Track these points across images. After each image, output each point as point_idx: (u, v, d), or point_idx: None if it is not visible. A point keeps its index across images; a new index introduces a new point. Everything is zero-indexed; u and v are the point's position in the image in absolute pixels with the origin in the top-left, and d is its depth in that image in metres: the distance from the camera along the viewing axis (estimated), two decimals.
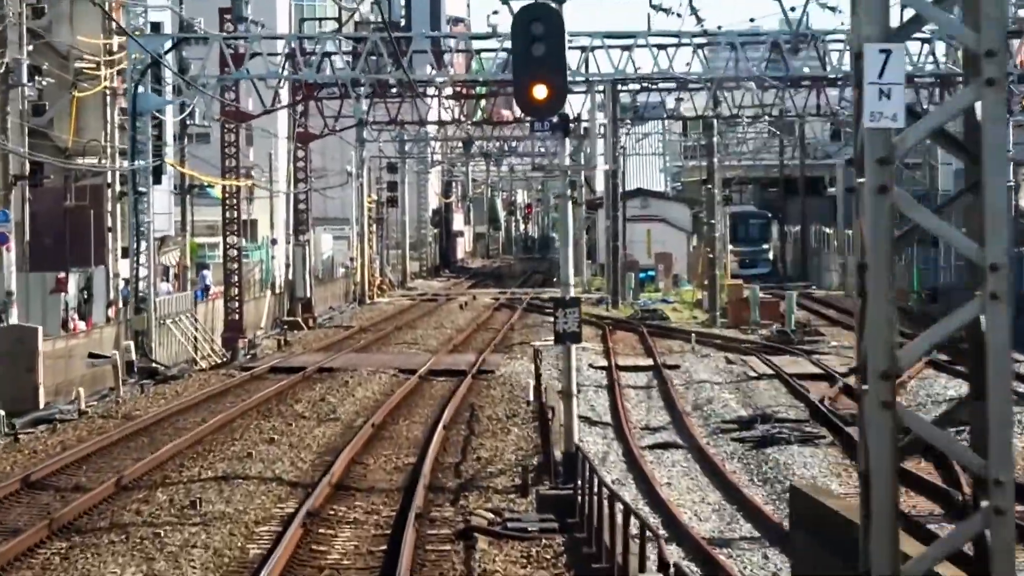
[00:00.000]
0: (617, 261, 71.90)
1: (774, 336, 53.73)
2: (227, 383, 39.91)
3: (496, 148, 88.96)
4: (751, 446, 30.95)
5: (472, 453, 27.73)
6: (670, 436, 32.92)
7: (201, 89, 43.80)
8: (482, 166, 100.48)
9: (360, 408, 34.84)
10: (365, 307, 74.41)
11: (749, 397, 38.24)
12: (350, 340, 54.77)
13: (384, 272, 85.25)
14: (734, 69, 51.35)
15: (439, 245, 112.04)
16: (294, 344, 53.56)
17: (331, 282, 77.77)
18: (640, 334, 55.98)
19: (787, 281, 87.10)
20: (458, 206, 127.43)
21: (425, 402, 36.71)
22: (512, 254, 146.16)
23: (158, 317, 44.22)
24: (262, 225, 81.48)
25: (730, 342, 52.13)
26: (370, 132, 78.93)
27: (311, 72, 45.85)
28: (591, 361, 46.82)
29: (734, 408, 36.37)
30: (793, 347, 49.99)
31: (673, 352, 49.65)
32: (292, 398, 36.23)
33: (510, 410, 34.03)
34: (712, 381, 41.43)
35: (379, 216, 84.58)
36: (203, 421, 32.12)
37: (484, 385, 40.05)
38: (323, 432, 30.47)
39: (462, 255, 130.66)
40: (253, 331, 55.53)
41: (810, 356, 46.63)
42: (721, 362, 46.16)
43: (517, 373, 42.39)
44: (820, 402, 36.10)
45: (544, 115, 20.47)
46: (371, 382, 40.23)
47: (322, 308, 70.12)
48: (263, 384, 40.33)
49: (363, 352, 49.52)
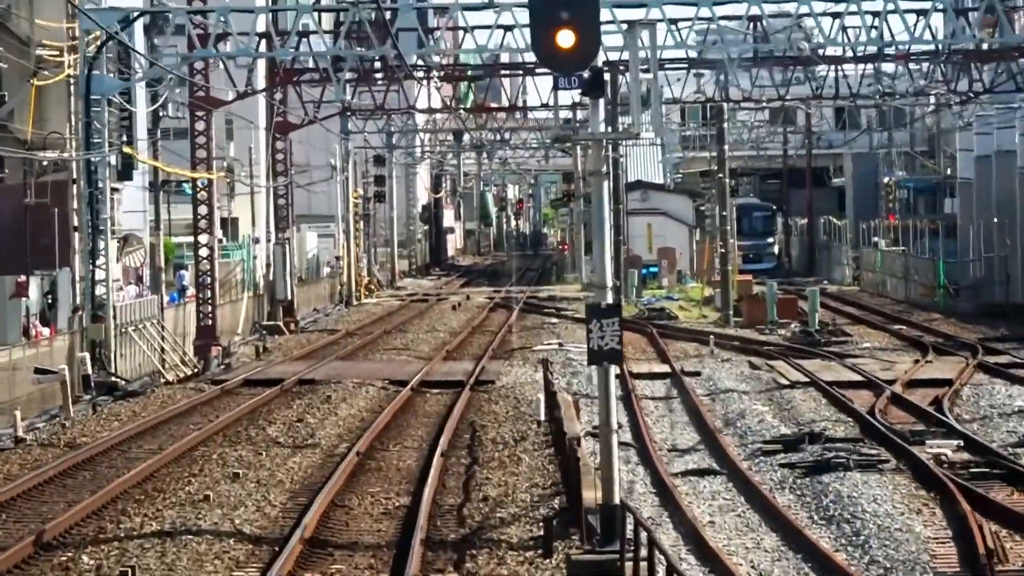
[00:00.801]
0: (620, 257, 66.96)
1: (797, 337, 48.85)
2: (193, 400, 34.95)
3: (489, 140, 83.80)
4: (803, 472, 26.05)
5: (477, 490, 22.78)
6: (703, 459, 28.02)
7: (162, 67, 38.75)
8: (473, 158, 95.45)
9: (343, 430, 29.91)
10: (352, 309, 69.45)
11: (786, 410, 33.33)
12: (335, 346, 49.84)
13: (372, 271, 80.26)
14: (750, 45, 46.44)
15: (429, 242, 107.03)
16: (273, 351, 48.61)
17: (316, 282, 72.79)
18: (649, 335, 51.10)
19: (793, 276, 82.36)
20: (448, 201, 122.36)
21: (418, 421, 31.78)
22: (504, 251, 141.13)
23: (119, 325, 39.26)
24: (243, 223, 76.39)
25: (749, 344, 47.26)
26: (355, 123, 73.93)
27: (288, 50, 40.84)
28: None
29: (771, 423, 31.46)
30: (820, 349, 45.12)
31: (689, 356, 44.79)
32: (265, 418, 31.26)
33: (517, 431, 29.08)
34: (739, 390, 36.52)
35: (366, 212, 79.59)
36: (159, 449, 27.20)
37: (484, 398, 35.14)
38: (299, 463, 25.53)
39: (453, 252, 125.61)
40: (230, 337, 50.59)
41: (843, 360, 41.75)
42: (745, 367, 41.28)
43: (520, 383, 37.48)
44: (870, 415, 31.28)
45: (572, 68, 15.60)
46: (357, 396, 35.30)
47: (306, 310, 65.17)
48: (234, 400, 35.39)
49: (348, 360, 44.59)
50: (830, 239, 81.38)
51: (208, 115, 45.98)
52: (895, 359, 42.11)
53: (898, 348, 45.74)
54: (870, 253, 70.39)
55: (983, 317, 53.85)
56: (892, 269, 65.93)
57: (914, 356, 42.80)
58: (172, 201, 62.33)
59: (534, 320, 59.79)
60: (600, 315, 15.88)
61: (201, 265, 46.73)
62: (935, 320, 53.98)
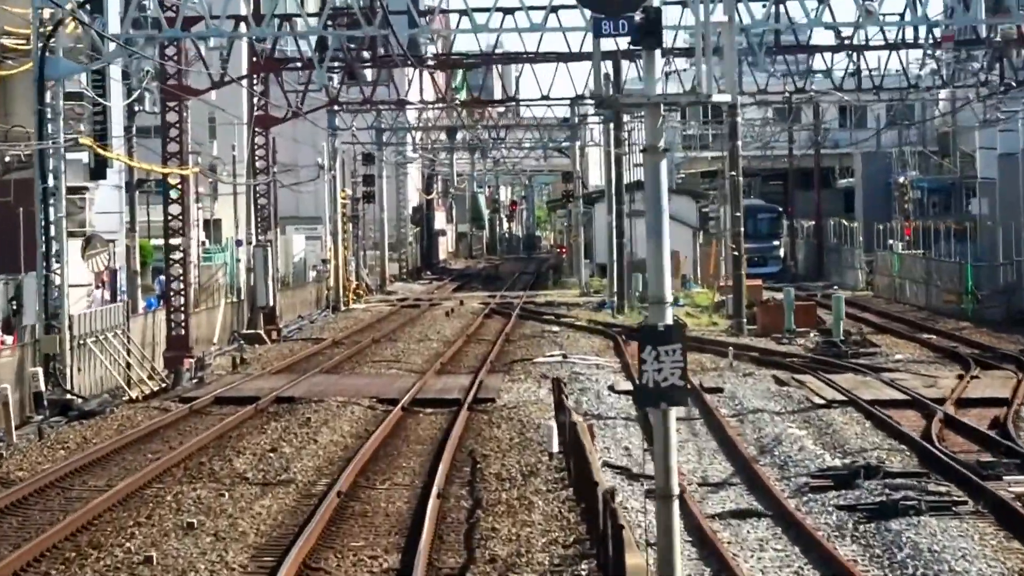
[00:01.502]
0: (622, 260, 62.77)
1: (820, 348, 44.63)
2: (155, 422, 30.67)
3: (483, 138, 79.43)
4: (865, 516, 21.84)
5: (482, 546, 18.53)
6: (742, 496, 23.82)
7: (122, 45, 34.45)
8: (466, 158, 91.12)
9: (323, 462, 25.66)
10: (339, 315, 65.17)
11: (827, 435, 29.11)
12: (319, 357, 45.59)
13: (360, 275, 75.96)
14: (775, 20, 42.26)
15: (420, 245, 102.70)
16: (252, 363, 44.33)
17: (301, 287, 68.49)
18: None
19: (801, 281, 78.17)
20: (440, 203, 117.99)
21: (411, 448, 27.54)
22: (497, 254, 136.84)
23: (76, 336, 34.99)
24: (227, 225, 72.09)
25: (769, 355, 43.05)
26: (343, 119, 69.68)
27: (265, 30, 36.51)
28: (611, 382, 37.74)
29: (813, 451, 27.27)
30: (848, 362, 40.93)
31: (706, 369, 40.57)
32: (234, 447, 26.97)
33: (526, 464, 24.81)
34: (769, 410, 32.31)
35: (354, 213, 75.27)
36: (106, 487, 22.97)
37: (484, 420, 30.91)
38: (268, 507, 21.27)
39: (444, 256, 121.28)
40: (206, 347, 46.37)
41: (878, 375, 37.54)
42: (770, 383, 37.07)
43: (524, 402, 33.23)
44: (927, 441, 27.11)
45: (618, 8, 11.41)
46: (341, 418, 31.04)
47: (291, 317, 60.90)
48: (202, 423, 31.15)
49: (333, 374, 40.33)
50: (840, 242, 77.15)
51: (181, 106, 41.72)
52: (935, 373, 37.91)
53: (934, 360, 41.54)
54: (886, 256, 66.20)
55: (1016, 325, 49.69)
56: (911, 273, 61.75)
57: (954, 370, 38.64)
58: (152, 202, 58.73)
59: (533, 328, 55.58)
60: (656, 340, 11.72)
61: (173, 269, 42.46)
62: (965, 328, 49.81)
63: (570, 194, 74.70)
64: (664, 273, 12.54)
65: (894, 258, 64.13)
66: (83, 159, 56.43)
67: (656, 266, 12.53)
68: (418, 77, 58.70)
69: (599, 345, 48.24)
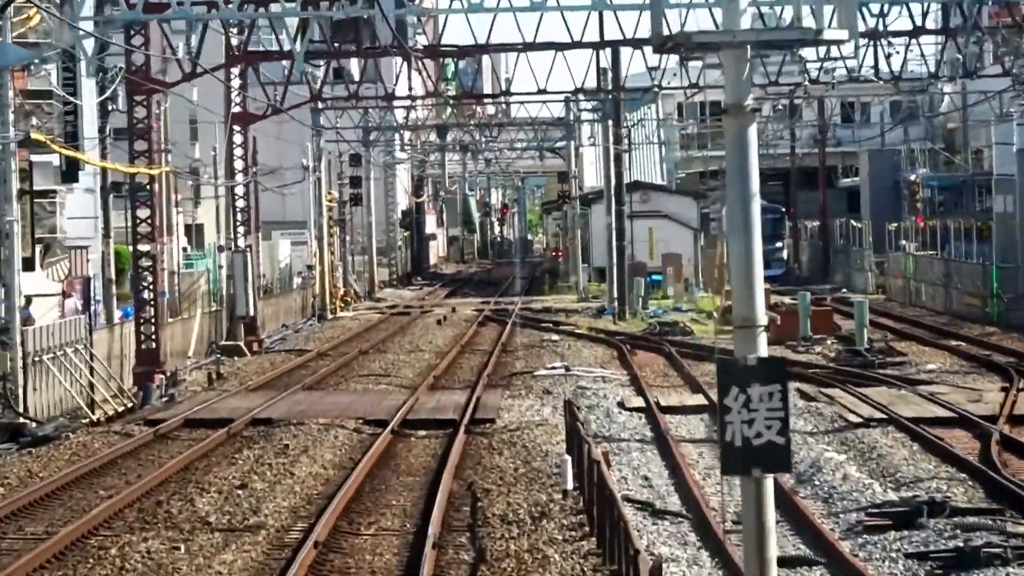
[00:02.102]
0: (623, 264, 59.29)
1: (843, 357, 41.09)
2: (114, 450, 27.08)
3: (476, 137, 75.69)
4: (939, 566, 18.34)
5: None
6: (786, 538, 20.22)
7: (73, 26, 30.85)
8: (456, 159, 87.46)
9: (300, 500, 22.08)
10: (326, 324, 61.57)
11: (872, 460, 25.60)
12: (302, 371, 42.02)
13: (348, 282, 72.35)
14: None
15: (410, 250, 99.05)
16: (229, 378, 40.76)
17: (286, 294, 64.92)
18: (667, 355, 43.44)
19: (806, 284, 74.65)
20: (430, 206, 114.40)
21: (401, 481, 23.98)
22: (488, 259, 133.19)
23: (29, 352, 31.39)
24: (209, 230, 68.49)
25: (789, 366, 39.45)
26: (328, 119, 66.13)
27: (233, 10, 32.91)
28: (620, 397, 34.22)
29: (860, 480, 23.75)
30: (876, 373, 37.42)
31: None
32: (198, 483, 23.35)
33: (535, 502, 21.22)
34: (801, 430, 28.78)
35: (341, 217, 71.65)
36: (45, 534, 19.43)
37: (484, 445, 27.37)
38: (230, 564, 17.70)
39: (435, 260, 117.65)
40: (182, 361, 42.81)
41: (914, 388, 34.00)
42: (796, 398, 33.54)
43: (527, 423, 29.67)
44: (988, 467, 23.61)
45: None
46: (323, 444, 27.47)
47: (274, 326, 57.33)
48: (167, 450, 27.59)
49: (316, 390, 36.78)
50: (848, 243, 73.61)
51: (149, 99, 38.15)
52: (976, 386, 34.38)
53: (969, 371, 38.01)
54: (899, 258, 62.69)
55: None
56: (927, 276, 58.25)
57: (995, 381, 35.12)
58: (131, 206, 55.52)
59: (531, 336, 52.03)
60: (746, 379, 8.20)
61: (142, 278, 38.88)
62: (993, 334, 46.30)
63: (566, 195, 71.14)
64: (755, 282, 9.03)
65: (908, 260, 60.63)
66: (54, 161, 52.99)
67: (745, 272, 9.02)
68: (406, 73, 55.14)
69: (603, 355, 44.72)
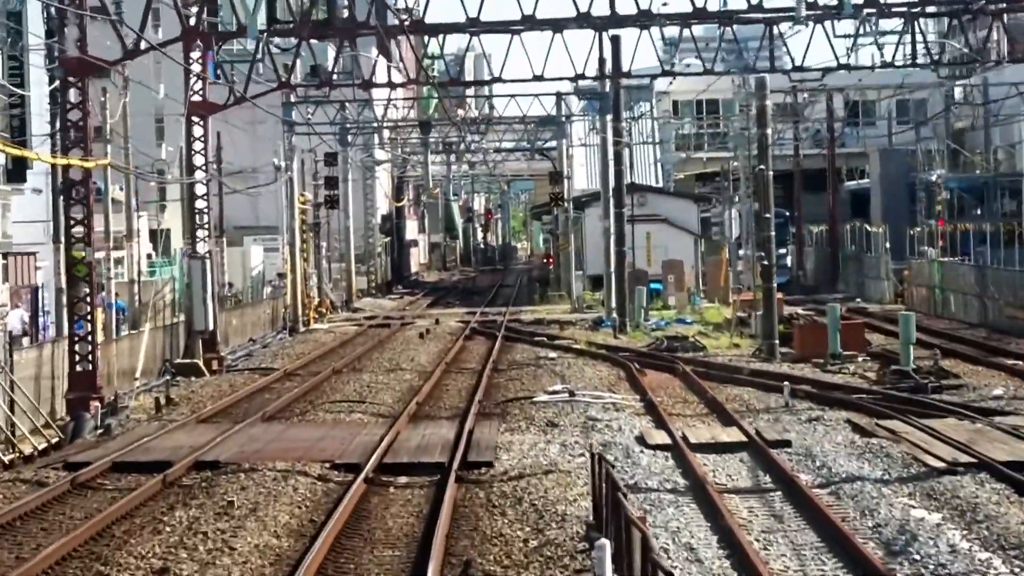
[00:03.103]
0: (623, 271, 53.60)
1: (888, 379, 35.36)
2: (12, 508, 21.24)
3: (460, 136, 69.69)
4: None
5: None
6: None
7: None
8: (440, 160, 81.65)
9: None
10: (297, 338, 55.78)
11: (978, 523, 19.85)
12: (265, 395, 36.26)
13: (323, 291, 66.49)
14: None
15: (391, 257, 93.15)
16: (180, 404, 34.95)
17: (255, 305, 59.08)
18: (682, 375, 37.78)
19: (814, 292, 69.11)
20: (411, 211, 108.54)
21: (375, 559, 18.16)
22: (472, 266, 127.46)
23: None
24: (176, 235, 62.66)
25: (827, 390, 33.85)
26: (301, 113, 60.35)
27: None
28: (638, 430, 28.54)
29: (971, 553, 18.06)
30: (932, 398, 31.77)
31: (755, 409, 31.37)
32: (108, 560, 17.54)
33: None
34: (870, 478, 23.08)
35: (316, 221, 65.83)
36: None
37: (481, 501, 21.60)
38: None
39: (416, 268, 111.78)
40: (128, 384, 37.05)
41: (988, 418, 28.32)
42: (849, 432, 27.87)
43: (532, 469, 23.92)
44: None
45: None
46: (278, 499, 21.69)
47: (240, 340, 51.55)
48: (80, 507, 21.79)
49: (279, 421, 31.01)
50: (860, 249, 67.98)
51: (84, 81, 32.37)
52: None
53: None
54: (922, 265, 57.06)
55: None
56: (957, 284, 52.65)
57: None
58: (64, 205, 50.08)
59: (524, 352, 46.33)
60: None
61: (76, 289, 33.08)
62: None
63: (558, 197, 65.41)
64: None
65: (934, 267, 54.99)
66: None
67: None
68: (385, 68, 49.48)
69: (608, 375, 39.01)
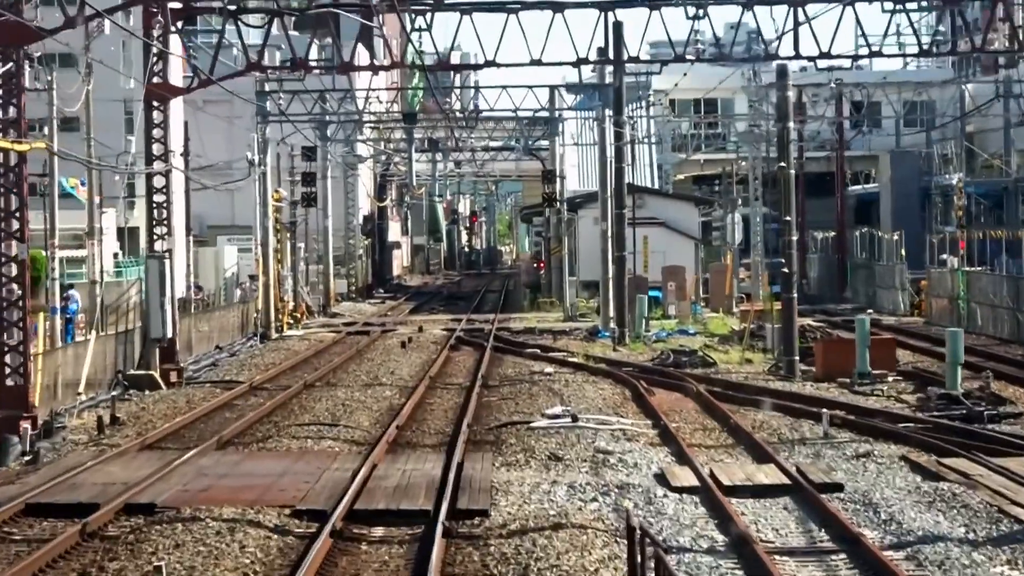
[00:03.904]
0: (623, 278, 49.14)
1: (934, 405, 30.90)
2: None
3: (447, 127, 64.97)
4: None
5: None
6: None
7: None
8: (425, 158, 77.03)
9: None
10: (269, 345, 51.26)
11: None
12: (225, 414, 31.75)
13: (299, 294, 61.88)
14: None
15: (372, 259, 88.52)
16: (127, 424, 30.41)
17: (226, 309, 54.50)
18: (696, 396, 33.34)
19: (820, 304, 64.82)
20: (394, 212, 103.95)
21: None
22: (456, 270, 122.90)
23: None
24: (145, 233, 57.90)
25: (865, 416, 29.40)
26: (277, 104, 55.81)
27: None
28: (655, 465, 24.13)
29: None
30: (992, 429, 27.35)
31: (789, 441, 26.94)
32: None
33: None
34: (954, 537, 18.65)
35: (292, 220, 61.25)
36: None
37: (476, 566, 17.11)
38: None
39: (399, 271, 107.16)
40: (72, 399, 32.56)
41: None
42: (907, 472, 23.47)
43: (539, 521, 19.38)
44: None
45: None
46: (219, 561, 17.15)
47: (206, 348, 47.06)
48: None
49: (235, 448, 26.49)
50: (871, 257, 63.59)
51: (19, 53, 27.85)
52: None
53: None
54: (944, 275, 52.68)
55: None
56: (985, 296, 48.29)
57: None
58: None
59: (516, 366, 41.87)
60: None
61: (7, 291, 28.52)
62: None
63: (552, 197, 60.86)
64: None
65: (959, 277, 50.60)
66: None
67: None
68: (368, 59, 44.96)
69: (612, 395, 34.53)
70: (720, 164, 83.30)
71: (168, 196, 38.69)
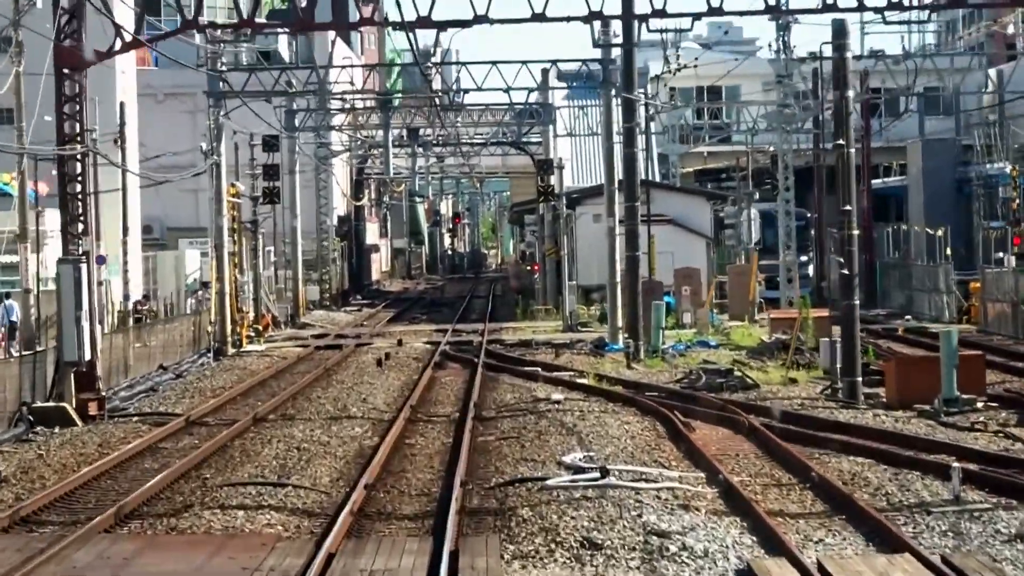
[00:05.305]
0: (637, 282, 41.50)
1: None
2: None
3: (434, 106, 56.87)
4: None
5: None
6: None
7: None
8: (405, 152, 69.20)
9: None
10: (223, 363, 43.53)
11: None
12: (144, 463, 24.04)
13: (262, 303, 54.01)
14: None
15: (347, 263, 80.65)
16: (10, 482, 22.67)
17: (170, 322, 46.70)
18: (748, 431, 25.82)
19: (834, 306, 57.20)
20: (372, 213, 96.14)
21: None
22: (439, 274, 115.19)
23: None
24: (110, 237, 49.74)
25: (996, 465, 21.76)
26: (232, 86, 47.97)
27: None
28: (732, 554, 16.46)
29: None
30: None
31: (898, 502, 19.32)
32: None
33: None
34: None
35: (254, 219, 53.43)
36: None
37: None
38: None
39: (378, 276, 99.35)
40: None
41: None
42: None
43: None
44: None
45: None
46: None
47: (146, 369, 39.33)
48: None
49: (137, 527, 18.73)
50: (905, 256, 56.02)
51: None
52: None
53: None
54: (1000, 276, 45.16)
55: None
56: None
57: None
58: None
59: (514, 389, 34.18)
60: None
61: None
62: None
63: (548, 191, 53.15)
64: None
65: (1021, 278, 43.07)
66: None
67: None
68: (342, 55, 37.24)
69: (640, 430, 26.85)
70: (725, 157, 75.88)
71: (86, 186, 30.90)
